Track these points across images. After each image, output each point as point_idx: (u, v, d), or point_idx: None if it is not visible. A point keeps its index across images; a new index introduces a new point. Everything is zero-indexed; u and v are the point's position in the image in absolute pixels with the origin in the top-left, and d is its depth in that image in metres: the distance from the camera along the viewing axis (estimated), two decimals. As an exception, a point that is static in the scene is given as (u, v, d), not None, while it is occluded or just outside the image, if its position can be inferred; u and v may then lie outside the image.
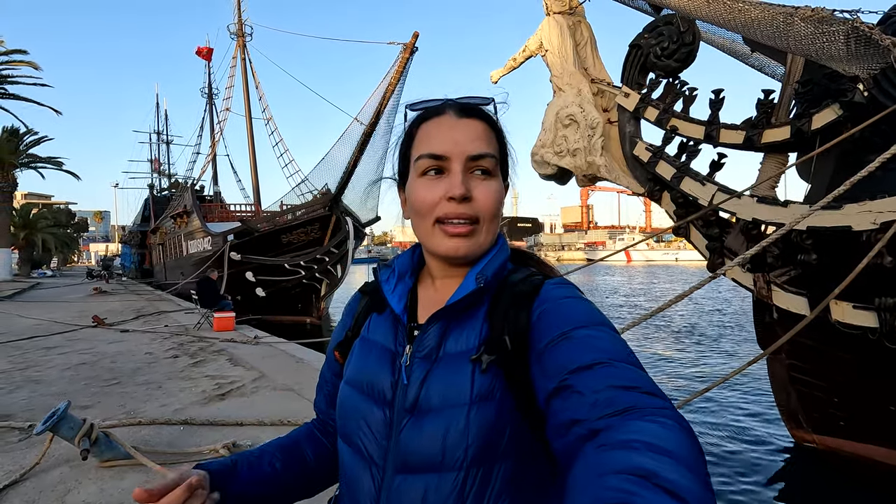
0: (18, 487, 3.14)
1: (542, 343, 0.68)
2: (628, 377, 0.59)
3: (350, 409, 0.81)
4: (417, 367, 0.76)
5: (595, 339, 0.65)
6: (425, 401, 0.73)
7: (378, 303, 0.90)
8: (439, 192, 0.78)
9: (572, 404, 0.58)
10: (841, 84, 4.02)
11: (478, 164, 0.78)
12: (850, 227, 3.82)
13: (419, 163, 0.80)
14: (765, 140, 4.61)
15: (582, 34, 6.18)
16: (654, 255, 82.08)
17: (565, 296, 0.75)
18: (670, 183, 5.13)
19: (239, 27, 25.41)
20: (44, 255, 45.77)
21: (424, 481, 0.70)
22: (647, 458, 0.45)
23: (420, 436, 0.72)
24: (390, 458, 0.74)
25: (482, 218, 0.78)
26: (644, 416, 0.52)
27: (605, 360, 0.61)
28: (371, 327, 0.88)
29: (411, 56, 13.29)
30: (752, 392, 7.82)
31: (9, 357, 7.41)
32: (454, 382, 0.72)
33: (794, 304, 4.41)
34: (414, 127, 0.85)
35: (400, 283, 0.87)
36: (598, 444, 0.51)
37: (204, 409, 4.73)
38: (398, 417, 0.75)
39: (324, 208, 16.14)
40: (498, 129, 0.85)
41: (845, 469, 4.82)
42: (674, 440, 0.48)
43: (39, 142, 30.95)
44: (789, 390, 5.14)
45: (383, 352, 0.82)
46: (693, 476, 0.44)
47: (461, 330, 0.77)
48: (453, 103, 0.83)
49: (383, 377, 0.79)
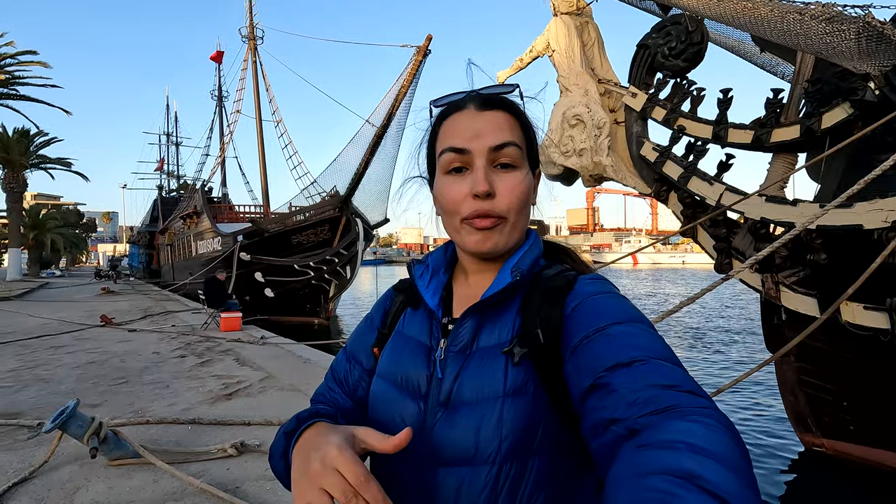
0: (27, 485, 3.16)
1: (577, 339, 0.67)
2: (668, 375, 0.57)
3: (383, 402, 0.81)
4: (452, 362, 0.76)
5: (632, 336, 0.64)
6: (458, 394, 0.73)
7: (413, 298, 0.90)
8: (464, 190, 0.77)
9: (610, 403, 0.57)
10: (851, 82, 3.98)
11: (501, 155, 0.77)
12: (861, 226, 3.78)
13: (443, 158, 0.80)
14: (774, 139, 4.57)
15: (589, 35, 6.16)
16: (661, 259, 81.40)
17: (600, 291, 0.73)
18: (677, 183, 5.09)
19: (250, 30, 25.56)
20: (52, 256, 46.17)
21: (457, 475, 0.70)
22: (688, 459, 0.44)
23: (453, 429, 0.71)
24: (424, 452, 0.74)
25: (508, 213, 0.77)
26: (685, 415, 0.50)
27: (643, 357, 0.59)
28: (406, 322, 0.88)
29: (424, 58, 13.30)
30: (758, 395, 7.74)
31: (18, 356, 7.48)
32: (487, 376, 0.72)
33: (804, 306, 4.36)
34: (437, 123, 0.84)
35: (434, 279, 0.87)
36: (638, 443, 0.49)
37: (211, 409, 4.75)
38: (432, 411, 0.75)
39: (334, 209, 16.18)
40: (523, 117, 0.83)
41: (855, 474, 4.73)
42: (717, 441, 0.46)
43: (49, 143, 31.29)
44: (798, 393, 5.07)
45: (418, 346, 0.82)
46: (736, 478, 0.43)
47: (495, 324, 0.77)
48: (475, 95, 0.83)
49: (418, 371, 0.79)
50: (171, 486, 3.12)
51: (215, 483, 3.11)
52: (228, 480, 3.22)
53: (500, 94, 0.84)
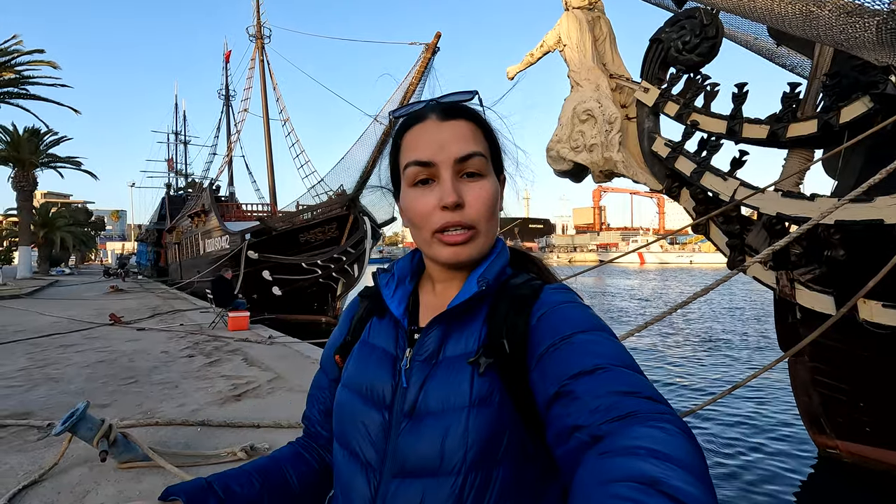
0: (37, 488, 3.15)
1: (542, 348, 0.68)
2: (629, 382, 0.58)
3: (348, 412, 0.80)
4: (417, 371, 0.76)
5: (595, 344, 0.65)
6: (423, 404, 0.72)
7: (379, 307, 0.89)
8: (432, 202, 0.76)
9: (573, 410, 0.58)
10: (871, 76, 3.89)
11: (466, 165, 0.77)
12: (882, 221, 3.69)
13: (408, 171, 0.79)
14: (790, 134, 4.48)
15: (601, 29, 6.08)
16: (669, 258, 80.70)
17: (564, 301, 0.74)
18: (690, 178, 5.01)
19: (258, 29, 25.56)
20: (62, 254, 46.62)
21: (422, 486, 0.69)
22: (650, 465, 0.45)
23: (418, 440, 0.71)
24: (388, 463, 0.73)
25: (477, 222, 0.77)
26: (646, 421, 0.52)
27: (605, 364, 0.60)
28: (372, 331, 0.87)
29: (433, 56, 13.29)
30: (770, 396, 7.65)
31: (28, 354, 7.51)
32: (453, 386, 0.72)
33: (820, 303, 4.27)
34: (399, 135, 0.83)
35: (400, 288, 0.87)
36: (601, 450, 0.50)
37: (220, 410, 4.73)
38: (396, 421, 0.74)
39: (342, 208, 16.17)
40: (485, 125, 0.83)
41: (870, 478, 4.63)
42: (677, 446, 0.48)
43: (59, 142, 31.52)
44: (811, 393, 4.98)
45: (384, 355, 0.81)
46: (697, 482, 0.44)
47: (461, 334, 0.77)
48: (435, 105, 0.82)
49: (383, 380, 0.78)
50: (180, 489, 3.09)
51: (225, 486, 3.08)
52: (238, 483, 3.19)
53: (462, 103, 0.83)
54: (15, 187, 28.74)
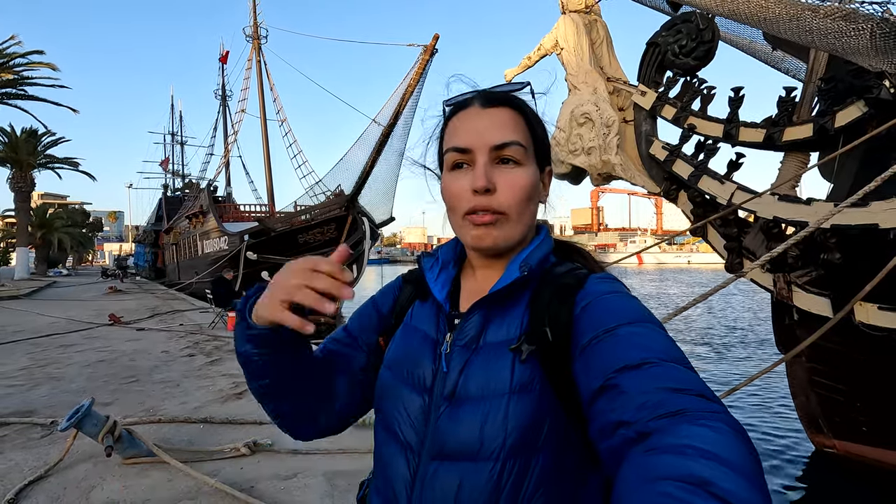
0: (43, 483, 3.18)
1: (586, 339, 0.66)
2: (678, 378, 0.56)
3: (389, 393, 0.82)
4: (457, 356, 0.76)
5: (642, 337, 0.63)
6: (463, 389, 0.73)
7: (421, 291, 0.90)
8: (465, 185, 0.78)
9: (619, 405, 0.56)
10: (866, 80, 3.94)
11: (503, 153, 0.78)
12: (877, 225, 3.75)
13: (447, 157, 0.81)
14: (786, 138, 4.53)
15: (598, 33, 6.14)
16: (666, 258, 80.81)
17: (610, 291, 0.73)
18: (687, 182, 5.06)
19: (254, 30, 25.61)
20: (59, 255, 46.49)
21: (460, 470, 0.69)
22: (700, 465, 0.43)
23: (457, 424, 0.71)
24: (427, 445, 0.74)
25: (508, 208, 0.77)
26: (696, 419, 0.50)
27: (653, 359, 0.58)
28: (414, 315, 0.88)
29: (431, 57, 13.34)
30: (767, 396, 7.70)
31: (29, 354, 7.53)
32: (493, 372, 0.72)
33: (817, 306, 4.33)
34: (446, 122, 0.85)
35: (443, 272, 0.87)
36: (648, 447, 0.49)
37: (222, 408, 4.77)
38: (436, 405, 0.75)
39: (340, 209, 16.21)
40: (529, 115, 0.83)
41: (867, 477, 4.68)
42: (728, 446, 0.46)
43: (57, 143, 31.51)
44: (809, 394, 5.03)
45: (425, 339, 0.82)
46: (750, 486, 0.42)
47: (502, 320, 0.77)
48: (480, 93, 0.83)
49: (424, 364, 0.79)
50: (185, 486, 3.13)
51: (229, 482, 3.12)
52: (242, 480, 3.23)
53: (507, 92, 0.84)
54: (12, 188, 28.67)
